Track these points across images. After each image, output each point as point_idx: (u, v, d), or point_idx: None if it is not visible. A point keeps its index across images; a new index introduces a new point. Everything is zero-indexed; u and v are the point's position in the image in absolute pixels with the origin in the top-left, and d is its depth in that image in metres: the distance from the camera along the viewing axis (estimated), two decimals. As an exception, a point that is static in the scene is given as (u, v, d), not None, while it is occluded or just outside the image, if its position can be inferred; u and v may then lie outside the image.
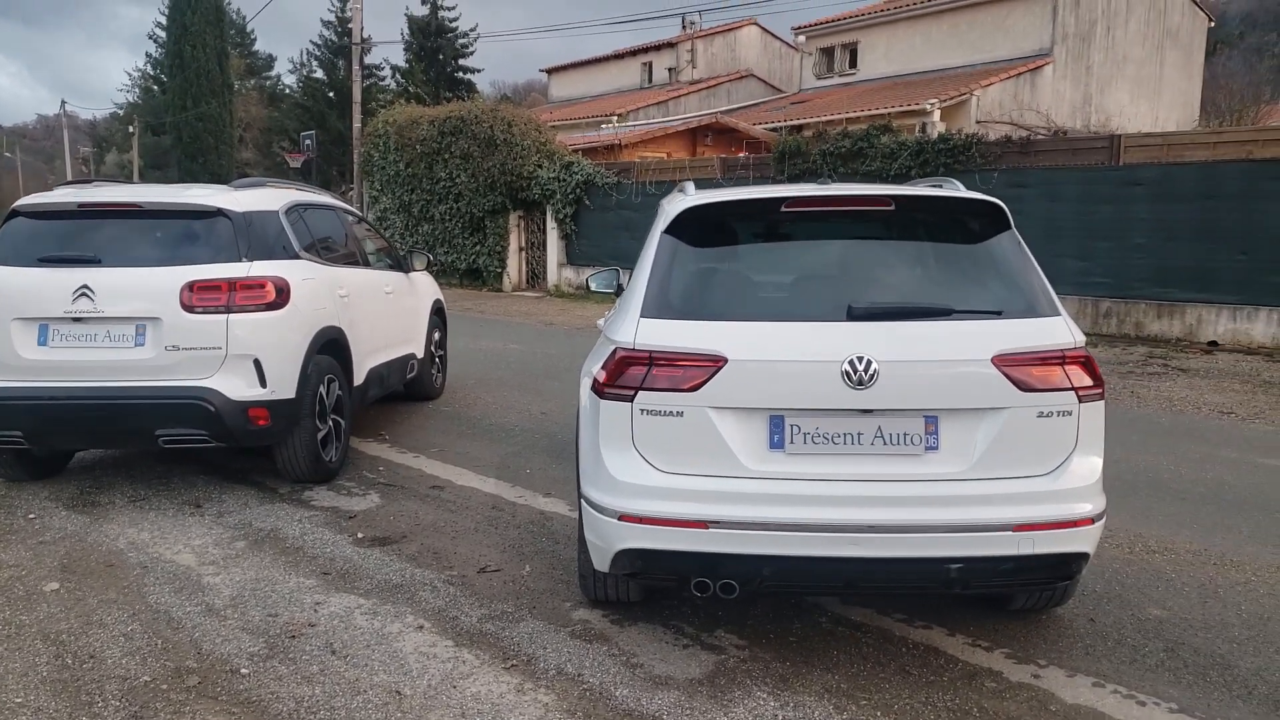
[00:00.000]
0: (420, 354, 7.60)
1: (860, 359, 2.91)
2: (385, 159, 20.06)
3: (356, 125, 21.70)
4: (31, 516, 4.89)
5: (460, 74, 49.44)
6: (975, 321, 3.04)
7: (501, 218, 18.61)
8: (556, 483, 5.60)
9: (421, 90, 41.12)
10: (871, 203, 3.31)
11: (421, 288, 7.90)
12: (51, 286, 4.82)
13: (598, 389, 3.19)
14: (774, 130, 22.46)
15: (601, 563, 3.25)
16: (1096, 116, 22.62)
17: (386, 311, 6.86)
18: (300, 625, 3.62)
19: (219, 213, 5.09)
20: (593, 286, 5.57)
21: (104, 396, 4.80)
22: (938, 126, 18.34)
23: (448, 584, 4.05)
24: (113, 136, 69.93)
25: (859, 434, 2.98)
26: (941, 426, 2.95)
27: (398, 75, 49.22)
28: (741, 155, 15.45)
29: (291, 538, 4.61)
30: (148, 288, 4.85)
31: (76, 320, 4.83)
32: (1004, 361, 2.92)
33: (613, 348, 3.19)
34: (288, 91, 54.21)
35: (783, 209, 3.32)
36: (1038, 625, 3.55)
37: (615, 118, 25.02)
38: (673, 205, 3.47)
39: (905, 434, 2.95)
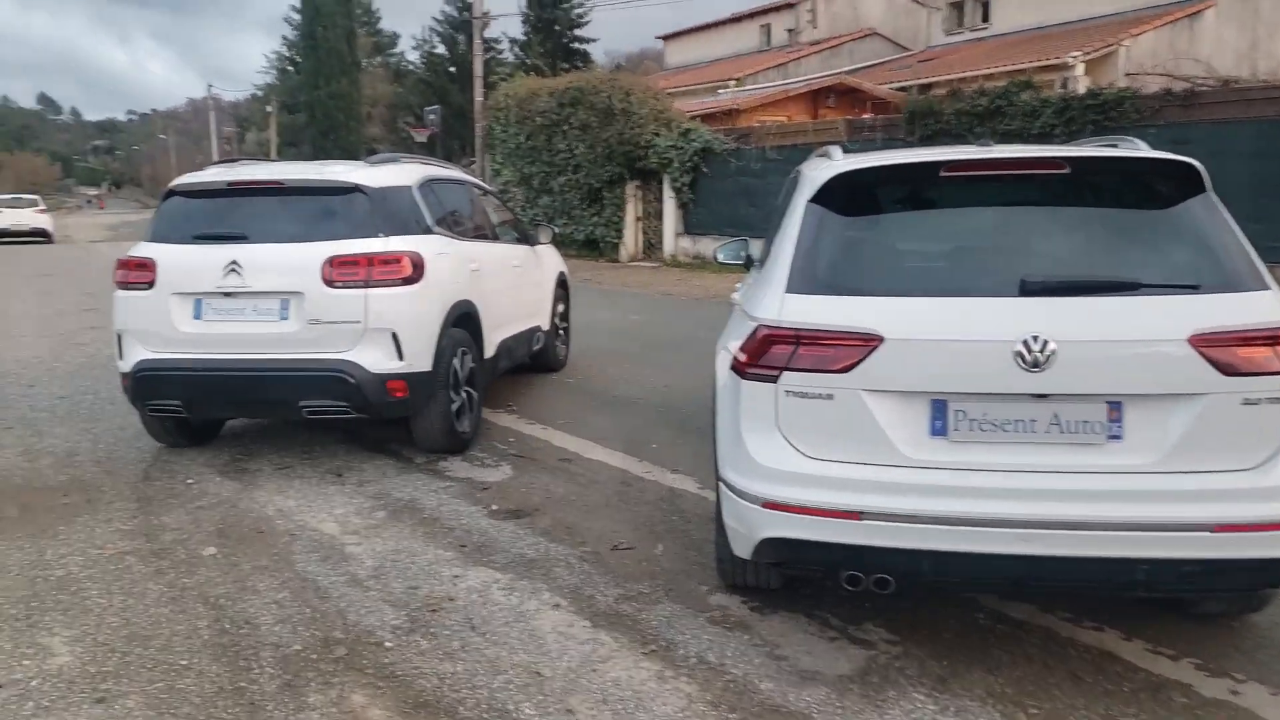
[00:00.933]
0: (545, 326, 7.62)
1: (1035, 338, 2.67)
2: (506, 132, 20.28)
3: (478, 99, 22.00)
4: (190, 481, 5.11)
5: (576, 44, 49.55)
6: (1168, 296, 2.75)
7: (618, 188, 18.57)
8: (683, 458, 5.50)
9: (539, 62, 41.42)
10: (1042, 165, 3.03)
11: (546, 261, 7.91)
12: (205, 262, 4.99)
13: (738, 368, 3.05)
14: (901, 90, 21.57)
15: (743, 549, 3.13)
16: (1265, 64, 20.77)
17: (514, 285, 6.88)
18: (440, 599, 3.64)
19: (356, 189, 5.16)
20: (720, 258, 5.46)
21: (252, 368, 4.96)
22: (1081, 81, 17.22)
23: (581, 561, 4.01)
24: (253, 117, 73.52)
25: (1031, 420, 2.74)
26: (1127, 414, 2.68)
27: (515, 48, 49.73)
28: (867, 117, 14.89)
29: (429, 509, 4.67)
30: (290, 263, 4.97)
31: (227, 295, 4.99)
32: (1203, 341, 2.63)
33: (754, 325, 3.03)
34: (411, 68, 55.63)
35: (942, 174, 3.08)
36: (1228, 633, 3.24)
37: (733, 82, 24.57)
38: (819, 171, 3.27)
39: (1085, 421, 2.70)
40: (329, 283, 4.93)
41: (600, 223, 18.99)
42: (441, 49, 49.53)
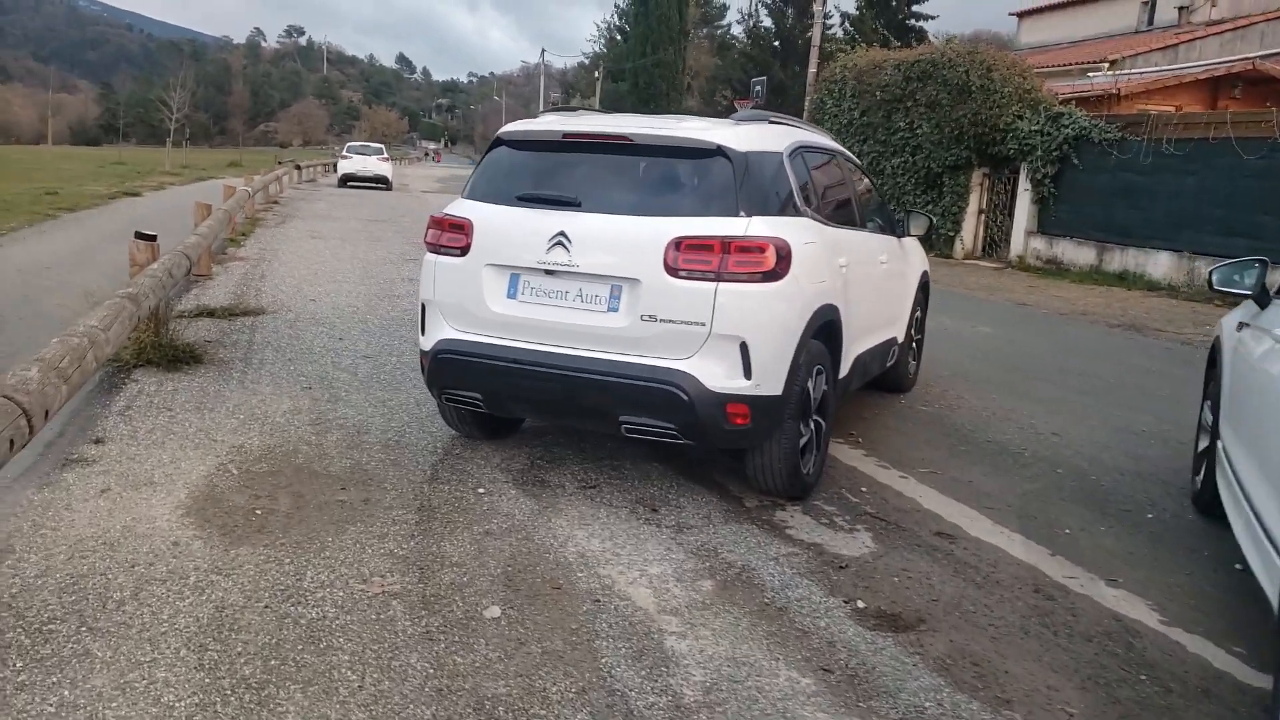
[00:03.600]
0: (901, 338, 6.16)
1: None
2: (839, 106, 18.69)
3: (812, 70, 20.59)
4: (481, 491, 4.25)
5: (912, 20, 46.43)
6: None
7: (963, 175, 16.41)
8: (1117, 561, 3.90)
9: (875, 38, 39.13)
10: None
11: (912, 257, 6.44)
12: (527, 230, 4.06)
13: None
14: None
15: None
16: None
17: (880, 286, 5.50)
18: (804, 777, 2.38)
19: (718, 151, 3.99)
20: (1215, 281, 3.85)
21: (567, 367, 3.96)
22: None
23: (1014, 740, 2.59)
24: (578, 83, 77.38)
25: None
26: None
27: (846, 23, 47.53)
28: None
29: (770, 587, 3.44)
30: (629, 241, 3.91)
31: (549, 273, 4.02)
32: None
33: None
34: (734, 42, 55.27)
35: None
36: None
37: (1107, 64, 21.19)
38: None
39: None
40: (672, 270, 3.81)
41: (936, 212, 16.92)
42: (769, 23, 48.51)
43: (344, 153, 32.50)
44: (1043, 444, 5.61)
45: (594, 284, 3.96)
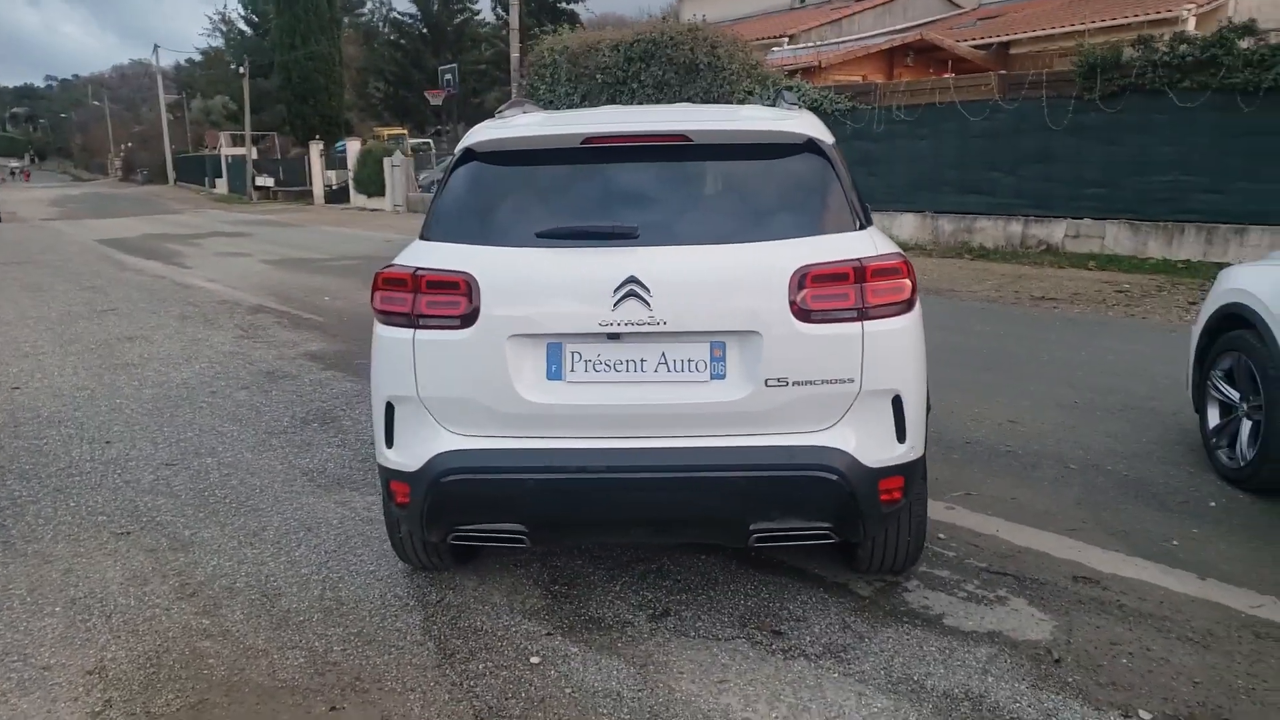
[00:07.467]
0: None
1: None
2: (554, 92, 17.84)
3: (515, 55, 19.51)
4: (536, 662, 2.92)
5: (564, 4, 46.77)
6: None
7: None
8: (1259, 570, 3.51)
9: (529, 22, 38.65)
10: None
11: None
12: (575, 280, 2.79)
13: None
14: (979, 49, 19.74)
15: None
16: None
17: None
18: None
19: (810, 145, 2.99)
20: None
21: (664, 468, 2.78)
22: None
23: None
24: (195, 82, 69.08)
25: None
26: None
27: (497, 9, 46.77)
28: (1030, 74, 12.76)
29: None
30: (734, 279, 2.79)
31: (611, 338, 2.79)
32: None
33: None
34: (381, 32, 52.53)
35: None
36: None
37: (786, 39, 22.35)
38: None
39: None
40: (803, 314, 2.76)
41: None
42: (410, 8, 46.54)
43: (-69, 180, 25.93)
44: (1011, 436, 5.23)
45: (686, 345, 2.80)
